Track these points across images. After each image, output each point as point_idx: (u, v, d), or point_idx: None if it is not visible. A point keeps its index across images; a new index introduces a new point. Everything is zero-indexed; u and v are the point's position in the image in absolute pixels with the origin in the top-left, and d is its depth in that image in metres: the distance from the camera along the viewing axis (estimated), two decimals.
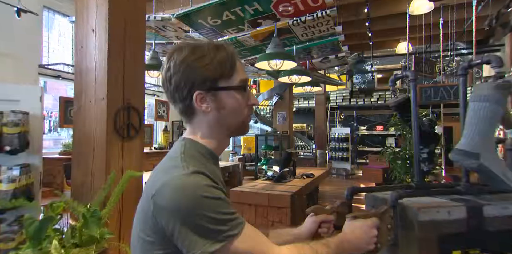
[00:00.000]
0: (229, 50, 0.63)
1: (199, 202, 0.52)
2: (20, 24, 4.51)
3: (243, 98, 0.63)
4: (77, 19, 1.72)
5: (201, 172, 0.56)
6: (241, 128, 0.66)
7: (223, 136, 0.66)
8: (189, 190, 0.52)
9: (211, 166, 0.63)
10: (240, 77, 0.63)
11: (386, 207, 0.71)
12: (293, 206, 2.36)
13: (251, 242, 0.55)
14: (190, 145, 0.64)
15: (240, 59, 3.33)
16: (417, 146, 0.90)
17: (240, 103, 0.63)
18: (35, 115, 1.66)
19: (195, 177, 0.54)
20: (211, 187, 0.54)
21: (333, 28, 3.18)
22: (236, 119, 0.64)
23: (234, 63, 0.62)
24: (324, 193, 5.84)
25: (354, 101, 9.78)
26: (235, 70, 0.62)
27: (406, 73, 0.88)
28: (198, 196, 0.52)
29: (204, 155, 0.63)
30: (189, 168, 0.56)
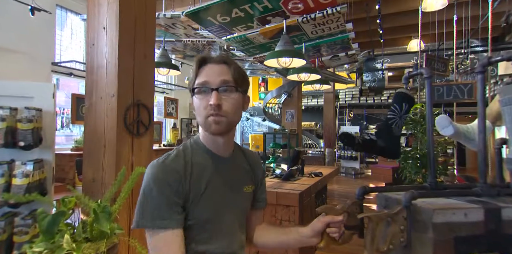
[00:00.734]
0: (197, 61, 0.74)
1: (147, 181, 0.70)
2: (34, 22, 4.60)
3: (202, 100, 0.71)
4: (89, 16, 1.73)
5: (164, 162, 0.71)
6: (205, 127, 0.73)
7: (205, 133, 0.76)
8: (148, 169, 0.71)
9: (198, 157, 0.75)
10: (198, 81, 0.72)
11: (399, 208, 0.69)
12: (302, 205, 2.35)
13: (160, 245, 0.67)
14: (194, 139, 0.80)
15: (249, 57, 3.28)
16: (431, 145, 0.88)
17: (199, 105, 0.72)
18: (48, 112, 1.69)
19: (155, 164, 0.71)
20: (156, 180, 0.68)
21: (343, 26, 3.13)
22: (200, 119, 0.73)
23: (197, 70, 0.73)
24: (332, 192, 5.80)
25: (364, 99, 9.66)
26: (198, 75, 0.73)
27: (421, 70, 0.85)
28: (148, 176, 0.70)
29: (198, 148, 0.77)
30: (160, 159, 0.73)
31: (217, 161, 0.77)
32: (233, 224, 0.78)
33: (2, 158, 1.60)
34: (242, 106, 0.77)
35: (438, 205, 0.68)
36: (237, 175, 0.81)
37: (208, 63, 0.73)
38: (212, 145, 0.77)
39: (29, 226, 1.57)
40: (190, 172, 0.72)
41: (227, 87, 0.71)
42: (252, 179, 0.85)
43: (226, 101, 0.71)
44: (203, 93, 0.71)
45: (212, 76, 0.71)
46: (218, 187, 0.75)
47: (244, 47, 3.65)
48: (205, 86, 0.71)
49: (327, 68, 5.48)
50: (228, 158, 0.80)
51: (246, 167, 0.85)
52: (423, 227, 0.69)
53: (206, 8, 2.61)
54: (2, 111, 1.55)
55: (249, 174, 0.85)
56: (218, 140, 0.76)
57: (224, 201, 0.76)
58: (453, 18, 4.51)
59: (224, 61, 0.74)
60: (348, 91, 9.91)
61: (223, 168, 0.78)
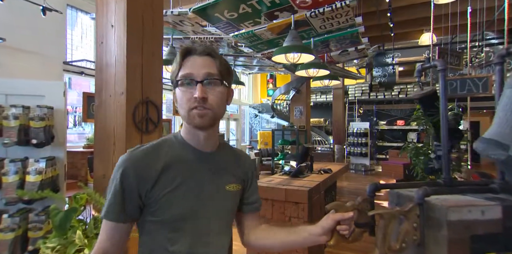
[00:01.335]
0: (180, 52, 0.72)
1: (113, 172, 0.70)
2: (46, 22, 4.67)
3: (187, 92, 0.69)
4: (97, 15, 1.74)
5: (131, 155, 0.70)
6: (188, 120, 0.71)
7: (188, 126, 0.74)
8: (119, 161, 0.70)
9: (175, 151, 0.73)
10: (181, 73, 0.70)
11: (411, 205, 0.67)
12: (311, 202, 2.33)
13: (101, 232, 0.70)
14: (174, 133, 0.78)
15: (257, 53, 3.24)
16: (446, 140, 0.85)
17: (182, 97, 0.70)
18: (59, 110, 1.72)
19: (124, 155, 0.70)
20: (120, 169, 0.68)
21: (353, 20, 3.07)
22: (183, 111, 0.71)
23: (180, 62, 0.71)
24: (342, 189, 5.76)
25: (374, 95, 9.51)
26: (181, 67, 0.70)
27: (435, 62, 0.82)
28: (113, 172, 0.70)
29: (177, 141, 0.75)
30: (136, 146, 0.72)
31: (197, 156, 0.74)
32: (212, 224, 0.73)
33: (15, 156, 1.64)
34: (226, 99, 0.75)
35: (453, 202, 0.66)
36: (219, 172, 0.76)
37: (193, 55, 0.71)
38: (193, 139, 0.74)
39: (42, 222, 1.61)
40: (163, 166, 0.69)
41: (212, 80, 0.69)
42: (238, 177, 0.80)
43: (211, 95, 0.69)
44: (187, 85, 0.69)
45: (197, 69, 0.69)
46: (194, 183, 0.71)
47: (251, 43, 3.62)
48: (189, 79, 0.69)
49: (336, 63, 5.40)
50: (210, 153, 0.76)
51: (232, 165, 0.81)
52: (437, 225, 0.66)
53: (213, 4, 2.60)
54: (15, 109, 1.58)
55: (235, 172, 0.80)
56: (200, 134, 0.73)
57: (200, 199, 0.72)
58: (467, 10, 4.37)
59: (209, 53, 0.71)
60: (357, 87, 9.77)
61: (203, 164, 0.74)
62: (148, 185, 0.67)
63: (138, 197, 0.68)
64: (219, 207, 0.75)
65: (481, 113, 9.28)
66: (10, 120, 1.56)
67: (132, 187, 0.67)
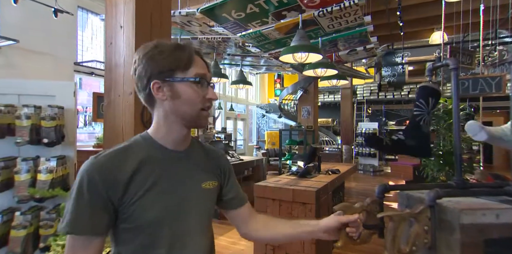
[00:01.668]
0: (189, 49, 0.69)
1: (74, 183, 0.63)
2: (57, 24, 4.76)
3: (199, 91, 0.68)
4: (107, 16, 1.76)
5: (96, 160, 0.64)
6: (195, 119, 0.70)
7: (178, 125, 0.70)
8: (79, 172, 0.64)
9: (144, 152, 0.69)
10: (196, 72, 0.68)
11: (422, 207, 0.66)
12: (318, 202, 2.31)
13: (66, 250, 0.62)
14: (141, 135, 0.74)
15: (264, 53, 3.22)
16: (458, 141, 0.82)
17: (195, 95, 0.68)
18: (69, 110, 1.74)
19: (87, 163, 0.64)
20: (86, 176, 0.62)
21: (361, 19, 3.03)
22: (191, 109, 0.68)
23: (192, 58, 0.69)
24: (350, 190, 5.70)
25: (383, 95, 9.39)
26: (192, 65, 0.68)
27: (447, 61, 0.80)
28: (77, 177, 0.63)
29: (143, 145, 0.71)
30: (99, 153, 0.67)
31: (169, 155, 0.71)
32: (190, 225, 0.71)
33: (27, 154, 1.67)
34: None
35: (465, 205, 0.64)
36: (193, 170, 0.74)
37: (197, 55, 0.71)
38: (170, 138, 0.71)
39: (53, 220, 1.64)
40: (132, 169, 0.65)
41: (213, 84, 0.73)
42: (213, 174, 0.79)
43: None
44: (200, 85, 0.69)
45: (206, 70, 0.71)
46: (168, 184, 0.68)
47: (259, 43, 3.62)
48: (205, 79, 0.70)
49: (344, 63, 5.35)
50: (183, 152, 0.74)
51: (205, 162, 0.79)
52: (449, 228, 0.65)
53: (220, 4, 2.60)
54: (27, 109, 1.61)
55: (209, 168, 0.78)
56: (182, 133, 0.72)
57: (175, 200, 0.69)
58: (479, 8, 4.27)
59: (202, 56, 0.73)
60: (366, 87, 9.66)
61: (175, 163, 0.72)
62: (119, 191, 0.63)
63: (109, 204, 0.62)
64: (196, 206, 0.72)
65: (494, 114, 9.07)
66: (23, 120, 1.59)
67: (101, 194, 0.61)
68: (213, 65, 4.25)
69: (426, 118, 1.00)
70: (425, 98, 1.00)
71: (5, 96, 1.69)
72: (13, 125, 1.60)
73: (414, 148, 1.01)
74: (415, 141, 1.00)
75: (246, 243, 2.96)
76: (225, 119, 9.87)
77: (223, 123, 9.69)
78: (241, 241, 3.03)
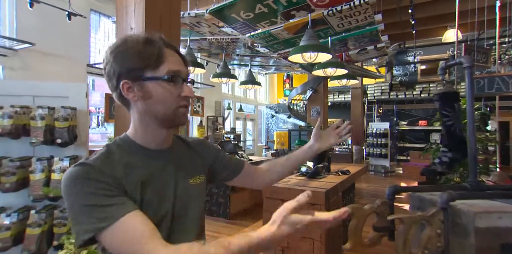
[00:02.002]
0: (158, 44, 0.64)
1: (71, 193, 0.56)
2: (71, 27, 4.88)
3: (173, 89, 0.64)
4: (117, 18, 1.79)
5: (85, 164, 0.59)
6: (172, 118, 0.66)
7: (154, 125, 0.67)
8: (67, 181, 0.57)
9: (127, 156, 0.65)
10: (168, 69, 0.63)
11: (435, 210, 0.64)
12: (328, 203, 2.29)
13: (122, 237, 0.54)
14: (119, 138, 0.70)
15: (273, 53, 3.19)
16: (473, 142, 0.80)
17: (167, 94, 0.63)
18: (82, 111, 1.78)
19: (74, 170, 0.58)
20: (84, 179, 0.56)
21: (372, 17, 2.99)
22: (164, 109, 0.64)
23: (162, 54, 0.63)
24: (361, 191, 5.62)
25: (394, 94, 9.23)
26: (163, 61, 0.63)
27: (461, 59, 0.77)
28: (70, 187, 0.57)
29: (124, 147, 0.67)
30: (81, 160, 0.61)
31: (152, 156, 0.68)
32: (187, 223, 0.69)
33: (42, 154, 1.71)
34: None
35: (481, 208, 0.62)
36: (179, 168, 0.72)
37: (170, 48, 0.65)
38: (151, 139, 0.68)
39: (66, 219, 1.67)
40: (120, 175, 0.61)
41: (191, 80, 0.69)
42: (199, 167, 0.77)
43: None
44: (174, 82, 0.64)
45: (181, 66, 0.66)
46: (157, 186, 0.66)
47: (268, 43, 3.61)
48: (179, 76, 0.65)
49: (355, 62, 5.29)
50: (166, 151, 0.71)
51: (190, 157, 0.77)
52: (463, 231, 0.63)
53: (229, 5, 2.61)
54: (41, 110, 1.66)
55: (194, 163, 0.77)
56: (164, 133, 0.69)
57: (168, 201, 0.66)
58: (495, 4, 4.14)
59: (176, 49, 0.67)
60: (377, 86, 9.51)
61: (160, 163, 0.69)
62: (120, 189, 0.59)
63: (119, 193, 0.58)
64: (189, 203, 0.70)
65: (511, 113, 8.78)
66: (37, 120, 1.64)
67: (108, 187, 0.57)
68: (222, 66, 4.27)
69: (458, 125, 0.97)
70: (450, 105, 0.97)
71: (21, 98, 1.74)
72: (28, 126, 1.64)
73: (462, 158, 0.98)
74: (461, 151, 0.97)
75: None
76: (235, 120, 9.90)
77: (233, 123, 9.72)
78: None
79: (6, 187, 1.59)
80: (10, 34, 4.44)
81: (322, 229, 0.81)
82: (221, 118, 8.94)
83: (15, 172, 1.61)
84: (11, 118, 1.57)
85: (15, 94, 1.73)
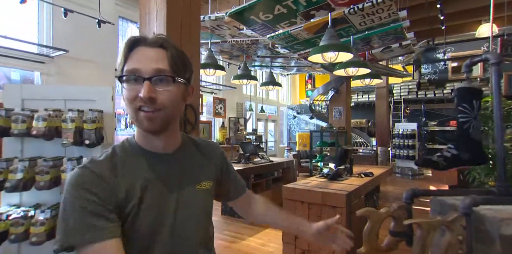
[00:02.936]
0: (127, 39, 0.61)
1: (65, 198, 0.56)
2: (100, 33, 5.16)
3: (131, 90, 0.59)
4: (141, 23, 1.87)
5: (85, 168, 0.59)
6: (135, 122, 0.61)
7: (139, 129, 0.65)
8: (66, 184, 0.58)
9: (130, 158, 0.64)
10: (128, 67, 0.59)
11: (456, 215, 0.61)
12: (350, 206, 2.23)
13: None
14: (128, 138, 0.69)
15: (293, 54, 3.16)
16: (500, 142, 0.75)
17: (126, 94, 0.60)
18: (108, 113, 1.87)
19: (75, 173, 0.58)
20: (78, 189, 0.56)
21: (396, 14, 2.88)
22: (129, 111, 0.61)
23: (126, 53, 0.60)
24: (386, 194, 5.42)
25: (422, 94, 8.81)
26: (128, 59, 0.60)
27: (486, 55, 0.73)
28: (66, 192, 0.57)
29: (128, 150, 0.66)
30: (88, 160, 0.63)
31: (156, 160, 0.66)
32: (190, 229, 0.67)
33: (72, 155, 1.82)
34: (182, 98, 0.64)
35: (507, 214, 0.58)
36: (184, 173, 0.69)
37: (142, 46, 0.60)
38: (148, 143, 0.66)
39: None
40: (120, 178, 0.60)
41: (163, 77, 0.59)
42: (208, 174, 0.74)
43: (161, 94, 0.59)
44: (133, 82, 0.58)
45: (144, 63, 0.58)
46: (160, 189, 0.63)
47: (288, 44, 3.60)
48: (135, 75, 0.58)
49: (379, 61, 5.12)
50: (171, 155, 0.68)
51: (199, 162, 0.74)
52: (487, 239, 0.59)
53: (248, 7, 2.63)
54: (72, 113, 1.76)
55: (203, 169, 0.73)
56: (153, 138, 0.65)
57: (167, 204, 0.64)
58: None
59: (161, 44, 0.60)
60: (403, 86, 9.14)
61: (164, 167, 0.66)
62: (111, 200, 0.58)
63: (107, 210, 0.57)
64: (194, 208, 0.68)
65: None
66: (68, 123, 1.74)
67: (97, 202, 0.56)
68: (242, 67, 4.30)
69: (474, 124, 0.90)
70: (468, 102, 0.91)
71: (54, 102, 1.86)
72: (60, 128, 1.76)
73: (470, 159, 0.92)
74: (470, 152, 0.90)
75: (275, 245, 2.94)
76: (256, 121, 9.94)
77: (254, 125, 9.76)
78: (270, 243, 3.02)
79: (41, 185, 1.71)
80: (47, 42, 4.77)
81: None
82: (242, 119, 9.01)
83: (48, 171, 1.72)
84: (45, 121, 1.69)
85: (48, 98, 1.85)
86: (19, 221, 1.68)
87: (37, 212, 1.71)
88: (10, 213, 1.71)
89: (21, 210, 1.73)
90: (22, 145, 1.84)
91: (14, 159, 1.71)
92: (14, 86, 1.86)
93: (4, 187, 1.65)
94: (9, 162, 1.69)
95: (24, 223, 1.69)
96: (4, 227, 1.66)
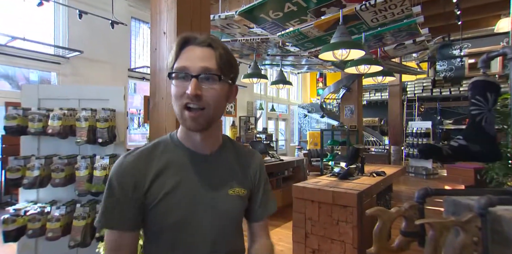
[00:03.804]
0: (178, 38, 0.64)
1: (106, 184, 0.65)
2: (114, 34, 5.26)
3: (179, 87, 0.61)
4: (152, 24, 1.89)
5: (125, 159, 0.65)
6: (180, 120, 0.63)
7: (183, 127, 0.67)
8: (111, 171, 0.65)
9: (170, 153, 0.67)
10: (177, 65, 0.62)
11: (471, 215, 0.58)
12: (361, 206, 2.20)
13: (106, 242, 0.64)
14: (171, 134, 0.73)
15: (304, 52, 3.14)
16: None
17: (174, 91, 0.62)
18: (120, 112, 1.91)
19: (117, 163, 0.65)
20: (113, 179, 0.63)
21: (410, 10, 2.81)
22: (175, 109, 0.63)
23: (177, 51, 0.63)
24: (399, 193, 5.32)
25: (437, 91, 8.58)
26: (178, 58, 0.63)
27: (505, 50, 0.70)
28: (109, 178, 0.65)
29: (173, 143, 0.70)
30: (130, 150, 0.68)
31: (193, 158, 0.68)
32: (210, 233, 0.66)
33: (85, 153, 1.87)
34: (226, 98, 0.66)
35: None
36: (219, 175, 0.69)
37: (192, 45, 0.63)
38: (189, 140, 0.68)
39: None
40: (155, 170, 0.64)
41: (210, 75, 0.61)
42: (242, 181, 0.73)
43: (207, 92, 0.60)
44: (181, 79, 0.61)
45: (193, 61, 0.61)
46: (189, 189, 0.65)
47: (298, 42, 3.57)
48: (183, 72, 0.61)
49: (392, 58, 5.01)
50: (209, 156, 0.70)
51: (234, 168, 0.73)
52: (505, 240, 0.57)
53: (258, 5, 2.63)
54: (85, 112, 1.80)
55: (238, 175, 0.73)
56: (195, 136, 0.67)
57: (196, 204, 0.65)
58: None
59: (210, 44, 0.63)
60: (418, 83, 8.93)
61: (200, 167, 0.68)
62: (142, 192, 0.63)
63: (136, 203, 0.63)
64: (221, 211, 0.67)
65: None
66: (82, 121, 1.79)
67: (129, 193, 0.62)
68: (252, 66, 4.31)
69: (488, 117, 0.86)
70: (482, 94, 0.88)
71: (69, 101, 1.91)
72: (74, 126, 1.80)
73: (480, 153, 0.86)
74: (479, 145, 0.85)
75: (285, 244, 2.93)
76: (267, 120, 9.92)
77: (265, 123, 9.75)
78: (280, 242, 3.01)
79: (56, 182, 1.76)
80: (63, 44, 4.90)
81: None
82: (253, 118, 9.01)
83: (63, 169, 1.77)
84: (60, 120, 1.74)
85: (63, 98, 1.90)
86: (36, 217, 1.74)
87: (53, 208, 1.76)
88: (27, 209, 1.77)
89: (38, 206, 1.79)
90: (39, 143, 1.90)
91: (31, 156, 1.77)
92: (31, 87, 1.93)
93: (22, 184, 1.70)
94: (26, 160, 1.74)
95: (41, 219, 1.75)
96: (22, 223, 1.72)
